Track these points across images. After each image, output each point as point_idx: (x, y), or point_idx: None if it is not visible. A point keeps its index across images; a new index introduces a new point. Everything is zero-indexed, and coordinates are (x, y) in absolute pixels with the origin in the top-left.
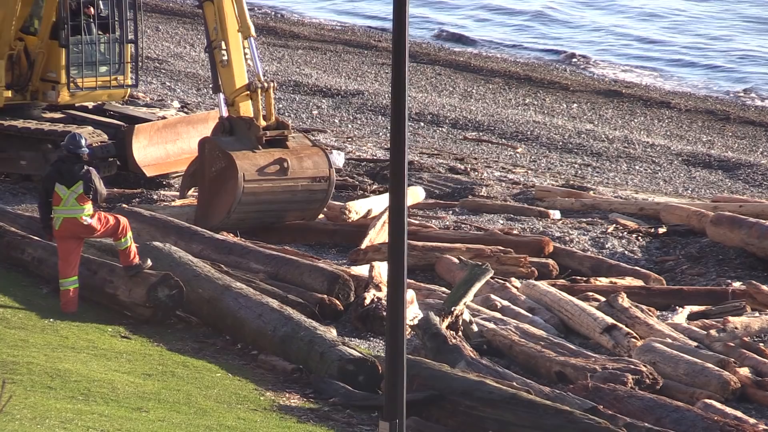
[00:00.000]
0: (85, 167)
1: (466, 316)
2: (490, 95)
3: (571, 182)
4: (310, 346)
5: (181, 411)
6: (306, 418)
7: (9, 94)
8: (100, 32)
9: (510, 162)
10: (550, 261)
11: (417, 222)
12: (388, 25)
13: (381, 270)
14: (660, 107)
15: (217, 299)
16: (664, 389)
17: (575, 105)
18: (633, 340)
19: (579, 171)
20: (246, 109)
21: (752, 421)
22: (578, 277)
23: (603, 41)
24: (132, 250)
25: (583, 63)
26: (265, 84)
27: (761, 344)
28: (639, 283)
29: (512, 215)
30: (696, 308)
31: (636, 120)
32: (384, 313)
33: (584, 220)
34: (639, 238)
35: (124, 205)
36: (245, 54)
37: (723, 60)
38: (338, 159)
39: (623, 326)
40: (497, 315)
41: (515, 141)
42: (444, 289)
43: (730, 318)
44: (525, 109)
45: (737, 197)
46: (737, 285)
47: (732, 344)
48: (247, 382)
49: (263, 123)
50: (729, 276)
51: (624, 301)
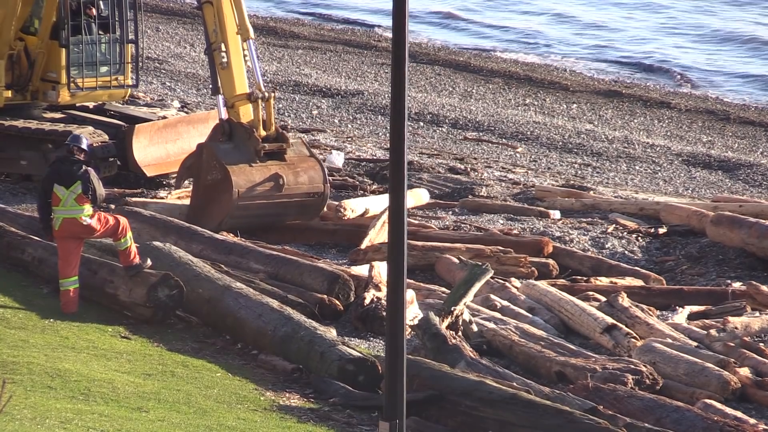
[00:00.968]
0: (84, 167)
1: (466, 316)
2: (490, 95)
3: (571, 182)
4: (310, 346)
5: (181, 411)
6: (306, 418)
7: (9, 94)
8: (101, 32)
9: (510, 162)
10: (550, 261)
11: (417, 222)
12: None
13: (381, 270)
14: (660, 107)
15: (217, 299)
16: (664, 389)
17: (575, 105)
18: (633, 340)
19: (579, 171)
20: (246, 113)
21: (752, 421)
22: (578, 277)
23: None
24: (132, 251)
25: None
26: (266, 94)
27: (761, 344)
28: (639, 283)
29: (512, 215)
30: (696, 308)
31: (636, 120)
32: (384, 313)
33: (584, 220)
34: (639, 238)
35: (130, 199)
36: (244, 56)
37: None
38: (338, 159)
39: (623, 326)
40: (497, 315)
41: (515, 141)
42: (444, 289)
43: (730, 318)
44: (525, 109)
45: (737, 197)
46: (737, 285)
47: (732, 344)
48: (247, 382)
49: (263, 133)
50: (729, 276)
51: (624, 301)
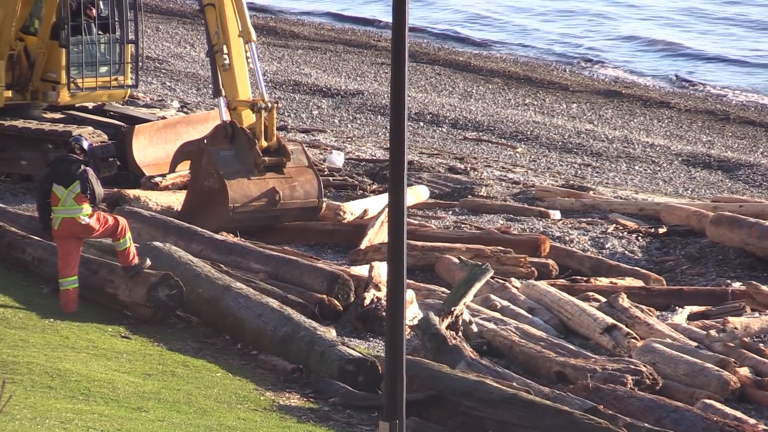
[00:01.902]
0: (83, 167)
1: (466, 317)
2: (490, 95)
3: (571, 182)
4: (310, 346)
5: (181, 411)
6: (306, 418)
7: (9, 94)
8: (101, 32)
9: (510, 162)
10: (550, 261)
11: (416, 222)
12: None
13: (381, 270)
14: (660, 107)
15: (217, 299)
16: (664, 389)
17: (575, 105)
18: (633, 341)
19: (579, 171)
20: (248, 116)
21: (752, 421)
22: (578, 278)
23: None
24: (131, 251)
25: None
26: (269, 104)
27: (761, 344)
28: (639, 284)
29: (512, 215)
30: (696, 308)
31: (636, 120)
32: (384, 313)
33: (584, 220)
34: (639, 239)
35: (130, 194)
36: (247, 59)
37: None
38: (338, 159)
39: (623, 326)
40: (497, 315)
41: (515, 141)
42: (444, 289)
43: (730, 318)
44: (525, 109)
45: (737, 197)
46: (737, 285)
47: (732, 344)
48: (247, 382)
49: (264, 144)
50: (729, 276)
51: (624, 302)
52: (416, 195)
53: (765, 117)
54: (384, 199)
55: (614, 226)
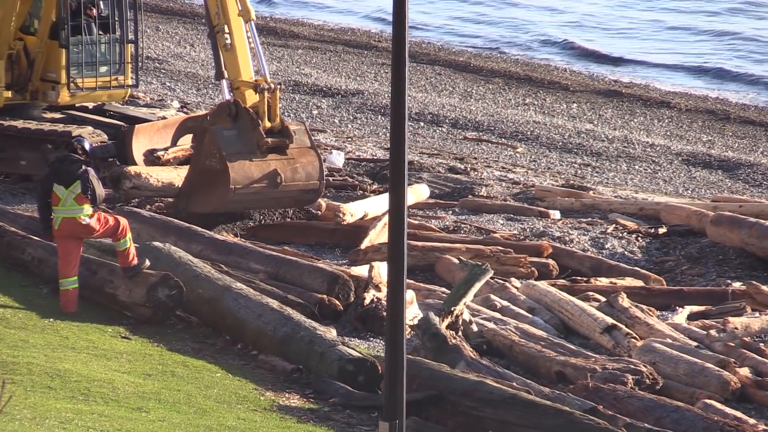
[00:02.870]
0: (83, 167)
1: (466, 316)
2: (490, 95)
3: (571, 182)
4: (310, 347)
5: (181, 411)
6: (306, 418)
7: (9, 94)
8: (101, 32)
9: (510, 162)
10: (550, 261)
11: (416, 222)
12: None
13: (381, 270)
14: (660, 107)
15: (217, 299)
16: (664, 389)
17: (575, 105)
18: (633, 341)
19: (579, 171)
20: (251, 96)
21: (752, 421)
22: (578, 278)
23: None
24: (131, 252)
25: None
26: (272, 85)
27: (761, 344)
28: (639, 284)
29: (512, 215)
30: (696, 308)
31: (636, 120)
32: (384, 314)
33: (584, 220)
34: (639, 239)
35: (131, 171)
36: (247, 38)
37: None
38: (338, 159)
39: (623, 326)
40: (497, 315)
41: (515, 141)
42: (444, 290)
43: (730, 318)
44: (525, 109)
45: (737, 197)
46: (737, 285)
47: (732, 344)
48: (247, 382)
49: (267, 124)
50: (729, 276)
51: (624, 302)
52: (416, 194)
53: (765, 117)
54: (384, 199)
55: (614, 226)
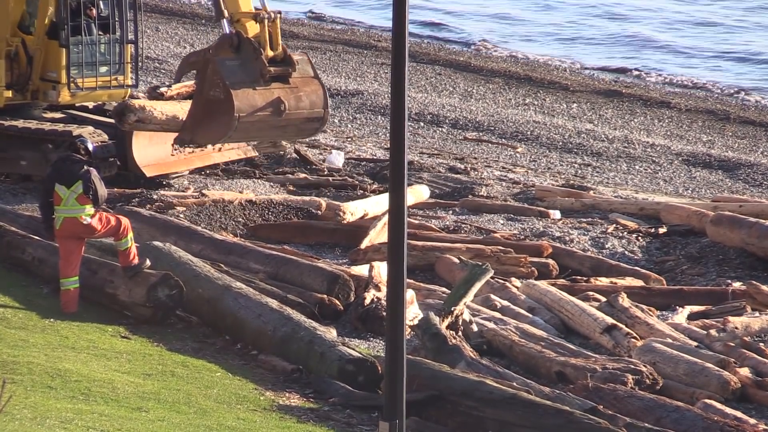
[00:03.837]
0: (85, 167)
1: (466, 316)
2: (490, 95)
3: (571, 182)
4: (310, 346)
5: (181, 411)
6: (306, 418)
7: (9, 94)
8: (101, 32)
9: (510, 162)
10: (550, 261)
11: (416, 222)
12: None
13: (381, 270)
14: (660, 107)
15: (217, 299)
16: (664, 389)
17: (575, 105)
18: (633, 340)
19: (579, 171)
20: (252, 27)
21: (752, 421)
22: (578, 277)
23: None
24: (132, 251)
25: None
26: (272, 14)
27: (761, 344)
28: (639, 284)
29: (512, 215)
30: (696, 308)
31: (636, 120)
32: (384, 313)
33: (584, 220)
34: (639, 238)
35: (135, 104)
36: None
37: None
38: (338, 159)
39: (623, 326)
40: (497, 315)
41: (515, 141)
42: (444, 289)
43: (730, 318)
44: (525, 109)
45: (737, 197)
46: (737, 285)
47: (732, 344)
48: (247, 382)
49: (270, 53)
50: (729, 276)
51: (624, 301)
52: (416, 194)
53: (765, 117)
54: (384, 199)
55: (614, 226)
